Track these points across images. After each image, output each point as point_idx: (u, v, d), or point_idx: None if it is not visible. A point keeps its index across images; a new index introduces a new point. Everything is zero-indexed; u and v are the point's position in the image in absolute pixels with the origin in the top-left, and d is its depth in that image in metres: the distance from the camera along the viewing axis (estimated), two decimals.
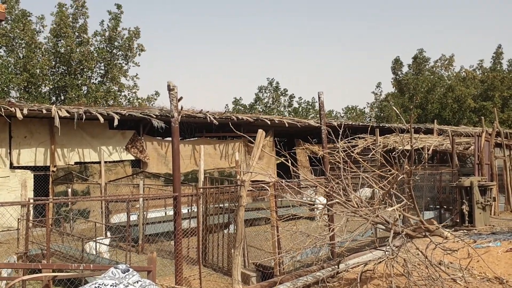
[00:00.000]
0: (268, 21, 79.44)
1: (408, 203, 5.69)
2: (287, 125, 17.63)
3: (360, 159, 6.43)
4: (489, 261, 7.33)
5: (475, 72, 35.40)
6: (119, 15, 24.94)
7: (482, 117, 17.37)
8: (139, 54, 25.99)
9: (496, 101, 30.48)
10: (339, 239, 7.43)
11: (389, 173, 5.60)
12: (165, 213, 12.84)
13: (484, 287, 6.38)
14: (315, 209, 8.65)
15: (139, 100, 26.36)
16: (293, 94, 36.73)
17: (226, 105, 36.70)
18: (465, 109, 30.99)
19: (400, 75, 36.77)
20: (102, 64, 25.02)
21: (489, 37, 68.43)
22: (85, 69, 24.16)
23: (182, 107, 14.39)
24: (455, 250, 6.07)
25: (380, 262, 6.02)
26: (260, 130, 6.88)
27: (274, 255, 7.22)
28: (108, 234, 10.39)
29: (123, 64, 25.89)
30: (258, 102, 36.23)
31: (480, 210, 11.35)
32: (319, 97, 9.35)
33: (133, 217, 10.79)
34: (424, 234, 6.38)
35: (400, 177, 5.23)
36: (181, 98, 6.19)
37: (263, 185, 7.12)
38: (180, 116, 14.24)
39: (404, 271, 6.06)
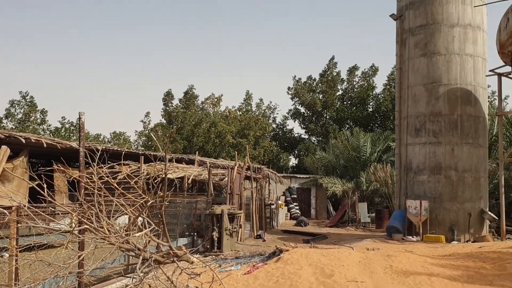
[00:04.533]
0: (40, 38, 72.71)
1: (158, 228, 5.82)
2: (45, 145, 16.15)
3: (115, 185, 6.33)
4: (230, 284, 8.01)
5: (236, 112, 39.42)
6: None
7: (236, 152, 19.30)
8: None
9: (250, 139, 34.44)
10: (89, 267, 7.08)
11: (141, 199, 5.66)
12: None
13: None
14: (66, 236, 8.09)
15: None
16: (47, 111, 33.99)
17: None
18: (225, 144, 34.02)
19: (171, 107, 38.18)
20: None
21: (246, 82, 77.30)
22: None
23: None
24: (199, 274, 6.44)
25: None
26: (3, 147, 6.13)
27: (10, 287, 6.39)
28: None
29: None
30: (9, 118, 32.28)
31: (228, 237, 12.42)
32: (79, 118, 8.90)
33: None
34: (172, 259, 6.61)
35: (150, 203, 5.33)
36: None
37: (1, 209, 6.29)
38: None
39: None
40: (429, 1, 15.69)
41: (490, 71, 15.57)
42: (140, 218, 6.37)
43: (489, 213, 15.11)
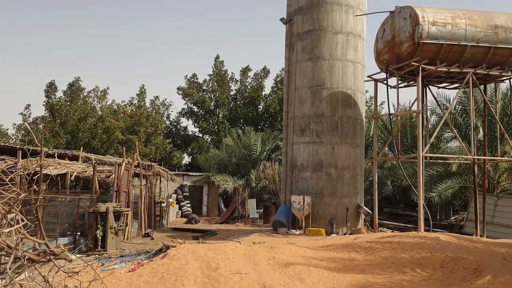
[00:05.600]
0: None
1: (31, 224, 5.46)
2: None
3: None
4: (112, 282, 7.76)
5: (126, 107, 37.93)
6: None
7: (124, 148, 18.69)
8: None
9: (141, 136, 33.43)
10: None
11: (12, 192, 5.26)
12: None
13: None
14: None
15: None
16: None
17: None
18: (113, 140, 32.58)
19: (54, 100, 35.60)
20: None
21: (137, 77, 75.16)
22: None
23: None
24: (77, 272, 6.17)
25: None
26: None
27: None
28: None
29: None
30: None
31: (113, 235, 12.00)
32: None
33: None
34: (49, 258, 6.24)
35: (22, 196, 4.99)
36: None
37: None
38: None
39: None
40: (315, 8, 16.63)
41: (368, 76, 16.92)
42: (14, 214, 5.93)
43: (364, 207, 16.45)
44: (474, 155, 15.76)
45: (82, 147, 23.08)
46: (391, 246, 10.16)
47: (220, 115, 37.93)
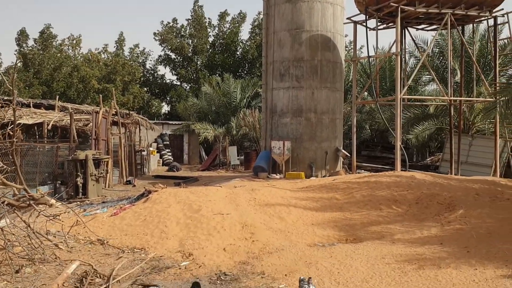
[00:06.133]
0: None
1: (7, 167, 5.40)
2: None
3: None
4: (95, 226, 7.85)
5: (100, 56, 36.83)
6: None
7: (101, 95, 18.33)
8: None
9: (118, 85, 32.71)
10: None
11: None
12: None
13: (87, 249, 6.80)
14: None
15: None
16: None
17: None
18: (89, 90, 31.86)
19: (26, 49, 34.33)
20: None
21: (114, 24, 72.68)
22: None
23: None
24: (58, 215, 6.20)
25: None
26: None
27: None
28: None
29: None
30: None
31: (94, 182, 12.01)
32: None
33: None
34: (28, 203, 6.24)
35: None
36: None
37: None
38: None
39: (5, 244, 5.75)
40: None
41: (347, 18, 16.66)
42: None
43: (343, 151, 16.69)
44: (451, 97, 15.98)
45: (58, 97, 22.58)
46: (368, 186, 10.44)
47: (198, 62, 37.18)
